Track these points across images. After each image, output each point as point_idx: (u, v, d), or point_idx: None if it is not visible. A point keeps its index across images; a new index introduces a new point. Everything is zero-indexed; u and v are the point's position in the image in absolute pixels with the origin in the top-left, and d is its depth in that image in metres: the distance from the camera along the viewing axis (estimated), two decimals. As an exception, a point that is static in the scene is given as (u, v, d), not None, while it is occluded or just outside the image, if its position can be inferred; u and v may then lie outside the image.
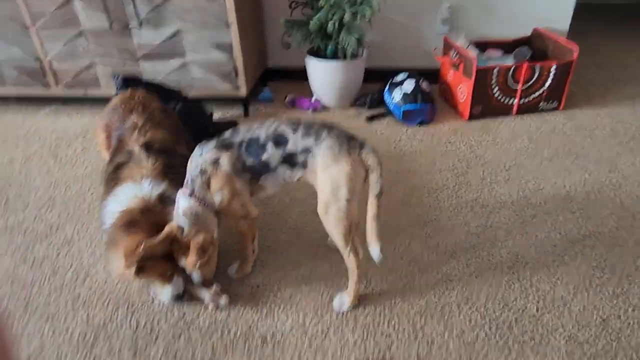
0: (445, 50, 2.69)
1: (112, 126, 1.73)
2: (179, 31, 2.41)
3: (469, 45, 2.58)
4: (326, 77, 2.58)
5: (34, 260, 1.68)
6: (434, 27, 2.81)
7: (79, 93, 2.67)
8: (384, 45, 2.91)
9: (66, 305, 1.49)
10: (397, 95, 2.45)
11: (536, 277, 1.53)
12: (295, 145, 1.29)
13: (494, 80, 2.38)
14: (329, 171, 1.26)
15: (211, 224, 1.39)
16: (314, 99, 2.70)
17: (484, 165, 2.13)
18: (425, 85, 2.48)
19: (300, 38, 2.55)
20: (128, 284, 1.55)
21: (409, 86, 2.44)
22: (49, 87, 2.68)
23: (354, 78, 2.61)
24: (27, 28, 2.50)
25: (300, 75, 2.81)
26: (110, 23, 2.42)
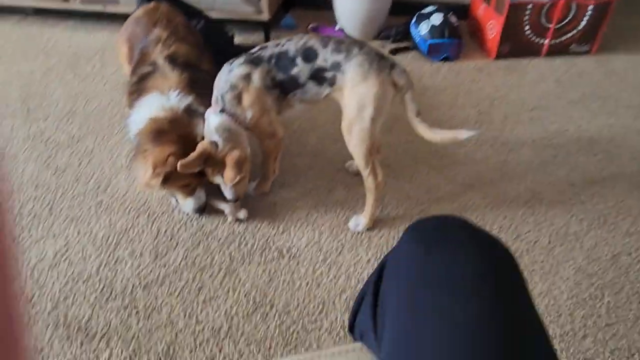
0: (477, -16, 2.56)
1: (134, 39, 1.69)
2: (202, -54, 2.31)
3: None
4: (352, 5, 2.49)
5: (56, 167, 1.71)
6: (468, -42, 2.67)
7: (97, 8, 2.61)
8: (413, -24, 2.77)
9: (89, 210, 1.54)
10: (424, 28, 2.37)
11: (551, 212, 1.54)
12: (324, 60, 1.27)
13: (526, 17, 2.28)
14: (356, 89, 1.24)
15: (244, 140, 1.38)
16: (337, 28, 2.62)
17: (508, 104, 2.09)
18: (453, 19, 2.39)
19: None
20: (149, 194, 1.59)
21: (437, 19, 2.35)
22: (67, 0, 2.62)
23: (380, 8, 2.52)
24: None
25: (324, 3, 2.71)
26: None
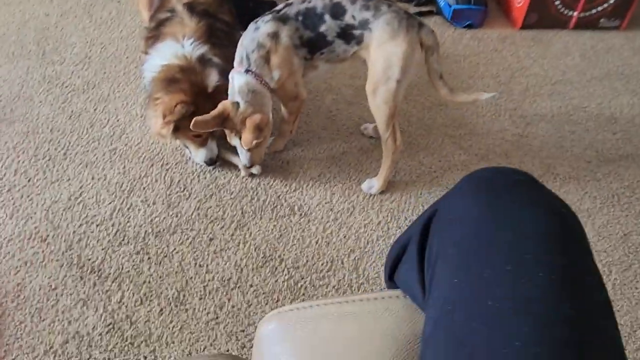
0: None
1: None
2: None
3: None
4: (376, -36, 2.40)
5: (72, 112, 1.71)
6: None
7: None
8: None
9: (104, 156, 1.55)
10: (450, -8, 2.29)
11: (565, 188, 1.53)
12: (353, 17, 1.24)
13: (557, -13, 2.20)
14: (384, 47, 1.22)
15: (267, 102, 1.34)
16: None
17: (529, 77, 2.05)
18: (481, -15, 2.31)
19: None
20: (163, 144, 1.59)
21: (463, -16, 2.27)
22: (84, -58, 2.54)
23: (405, -31, 2.43)
24: None
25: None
26: None
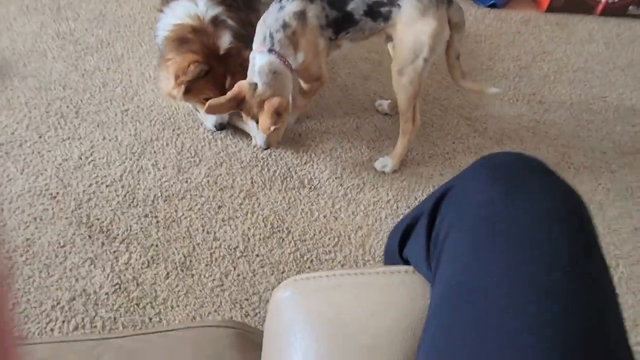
0: None
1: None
2: None
3: None
4: None
5: (85, 70, 1.69)
6: None
7: None
8: None
9: (115, 116, 1.54)
10: (476, -31, 2.22)
11: (578, 178, 1.51)
12: None
13: (587, -30, 2.12)
14: (414, 26, 1.18)
15: (288, 86, 1.27)
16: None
17: (550, 62, 2.00)
18: (508, -37, 2.23)
19: None
20: (175, 108, 1.58)
21: (490, -39, 2.20)
22: None
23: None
24: None
25: None
26: None
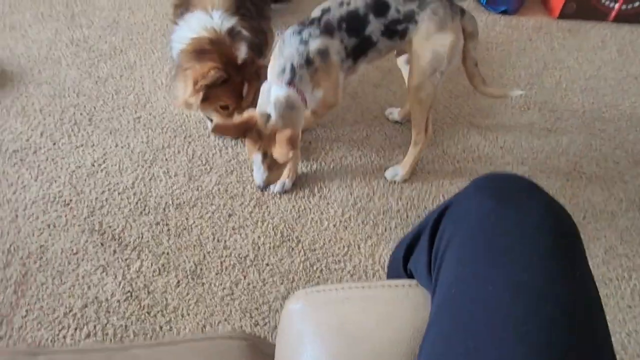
0: None
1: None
2: None
3: None
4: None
5: (98, 77, 1.71)
6: None
7: None
8: None
9: (128, 123, 1.56)
10: (487, -24, 2.21)
11: (590, 188, 1.50)
12: (397, 10, 1.17)
13: (600, -23, 2.11)
14: (431, 40, 1.17)
15: (300, 121, 1.22)
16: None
17: (562, 70, 1.99)
18: (520, -31, 2.22)
19: None
20: (187, 116, 1.59)
21: (502, -33, 2.19)
22: None
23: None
24: None
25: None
26: None
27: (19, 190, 1.34)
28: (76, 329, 1.08)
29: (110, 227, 1.28)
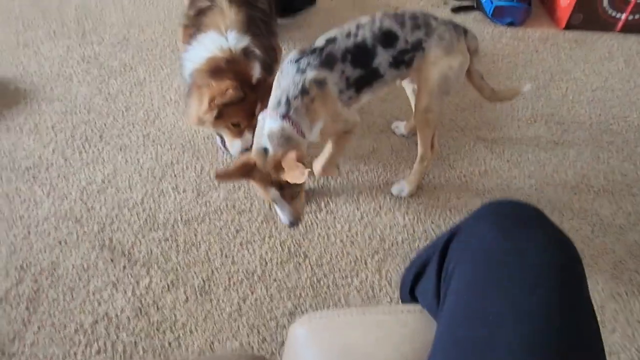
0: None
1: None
2: None
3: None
4: (418, -46, 2.34)
5: (108, 94, 1.75)
6: None
7: None
8: None
9: (137, 140, 1.58)
10: (492, -12, 2.22)
11: (598, 201, 1.49)
12: (406, 41, 1.16)
13: (606, -12, 2.11)
14: (440, 64, 1.18)
15: (302, 145, 1.17)
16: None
17: (569, 81, 1.98)
18: (525, -19, 2.23)
19: None
20: (195, 132, 1.61)
21: (507, -20, 2.20)
22: None
23: (448, -39, 2.37)
24: None
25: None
26: None
27: (31, 207, 1.37)
28: (87, 345, 1.10)
29: (120, 243, 1.30)
